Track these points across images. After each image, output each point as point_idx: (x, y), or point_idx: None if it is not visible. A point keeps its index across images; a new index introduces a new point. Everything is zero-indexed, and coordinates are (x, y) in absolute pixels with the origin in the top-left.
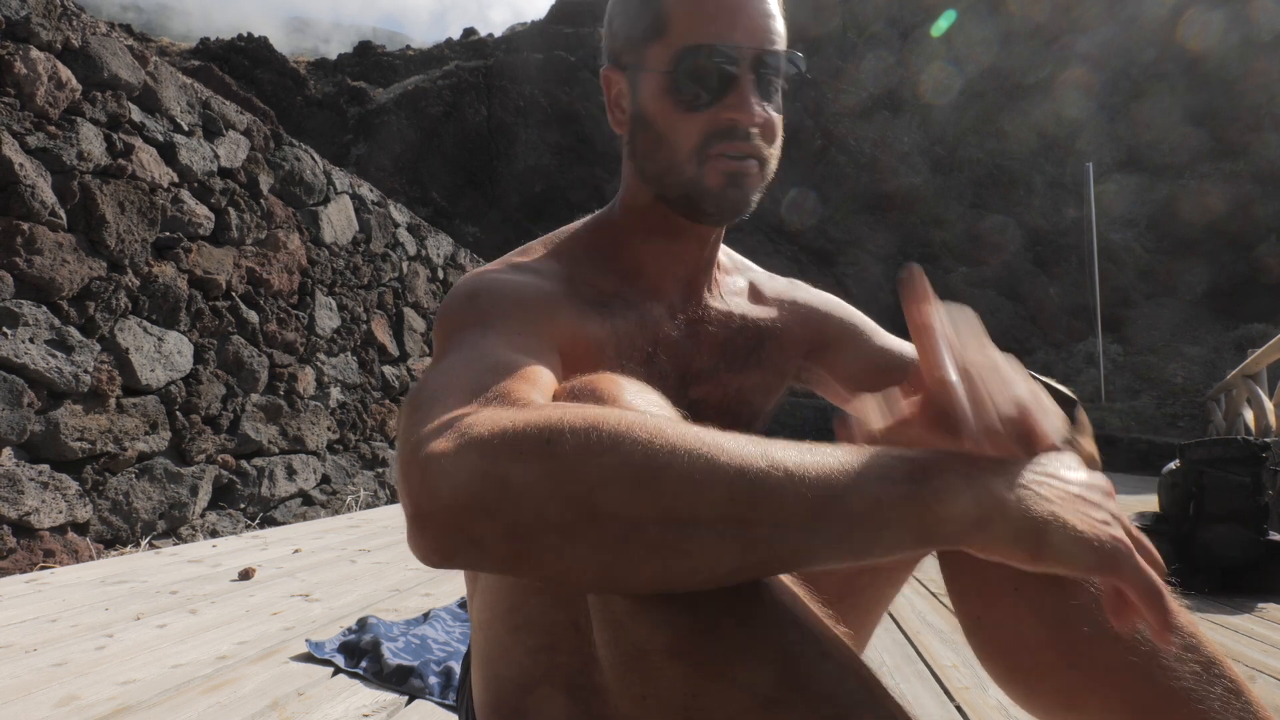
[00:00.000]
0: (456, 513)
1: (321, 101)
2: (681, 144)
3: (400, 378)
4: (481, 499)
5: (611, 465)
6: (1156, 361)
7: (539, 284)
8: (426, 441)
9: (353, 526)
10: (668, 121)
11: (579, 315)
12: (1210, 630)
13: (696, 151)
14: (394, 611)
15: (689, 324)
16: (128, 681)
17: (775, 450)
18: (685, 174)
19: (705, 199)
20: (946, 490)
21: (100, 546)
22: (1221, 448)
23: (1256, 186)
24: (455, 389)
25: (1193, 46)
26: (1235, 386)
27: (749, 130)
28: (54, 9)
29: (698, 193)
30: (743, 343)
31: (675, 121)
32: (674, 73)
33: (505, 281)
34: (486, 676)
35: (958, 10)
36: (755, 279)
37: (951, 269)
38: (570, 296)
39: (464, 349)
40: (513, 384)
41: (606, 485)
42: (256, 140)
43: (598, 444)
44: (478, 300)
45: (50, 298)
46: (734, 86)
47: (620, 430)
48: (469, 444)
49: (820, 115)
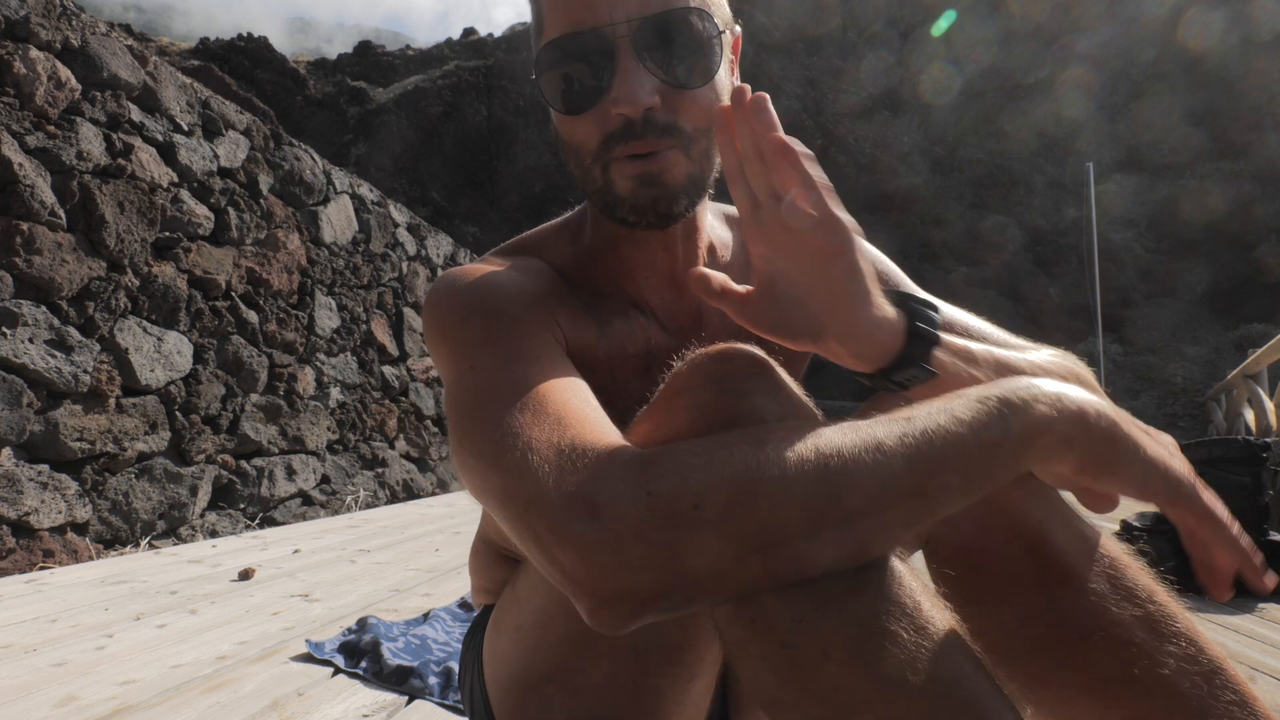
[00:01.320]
0: (638, 599)
1: (321, 101)
2: (582, 148)
3: (400, 378)
4: (658, 584)
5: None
6: (1156, 361)
7: (526, 282)
8: (569, 525)
9: (352, 526)
10: (564, 126)
11: (569, 316)
12: (1210, 630)
13: (599, 155)
14: (394, 611)
15: (683, 333)
16: (127, 681)
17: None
18: (595, 180)
19: (620, 206)
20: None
21: (100, 546)
22: (1222, 448)
23: (1256, 186)
24: (541, 448)
25: (1193, 46)
26: (1235, 386)
27: (652, 118)
28: (53, 9)
29: (614, 200)
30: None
31: (569, 125)
32: (548, 72)
33: (498, 286)
34: (489, 676)
35: (958, 10)
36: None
37: (951, 269)
38: (559, 295)
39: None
40: (588, 429)
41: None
42: (256, 140)
43: (746, 499)
44: (481, 310)
45: (50, 298)
46: (614, 74)
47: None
48: (621, 526)
49: (820, 115)
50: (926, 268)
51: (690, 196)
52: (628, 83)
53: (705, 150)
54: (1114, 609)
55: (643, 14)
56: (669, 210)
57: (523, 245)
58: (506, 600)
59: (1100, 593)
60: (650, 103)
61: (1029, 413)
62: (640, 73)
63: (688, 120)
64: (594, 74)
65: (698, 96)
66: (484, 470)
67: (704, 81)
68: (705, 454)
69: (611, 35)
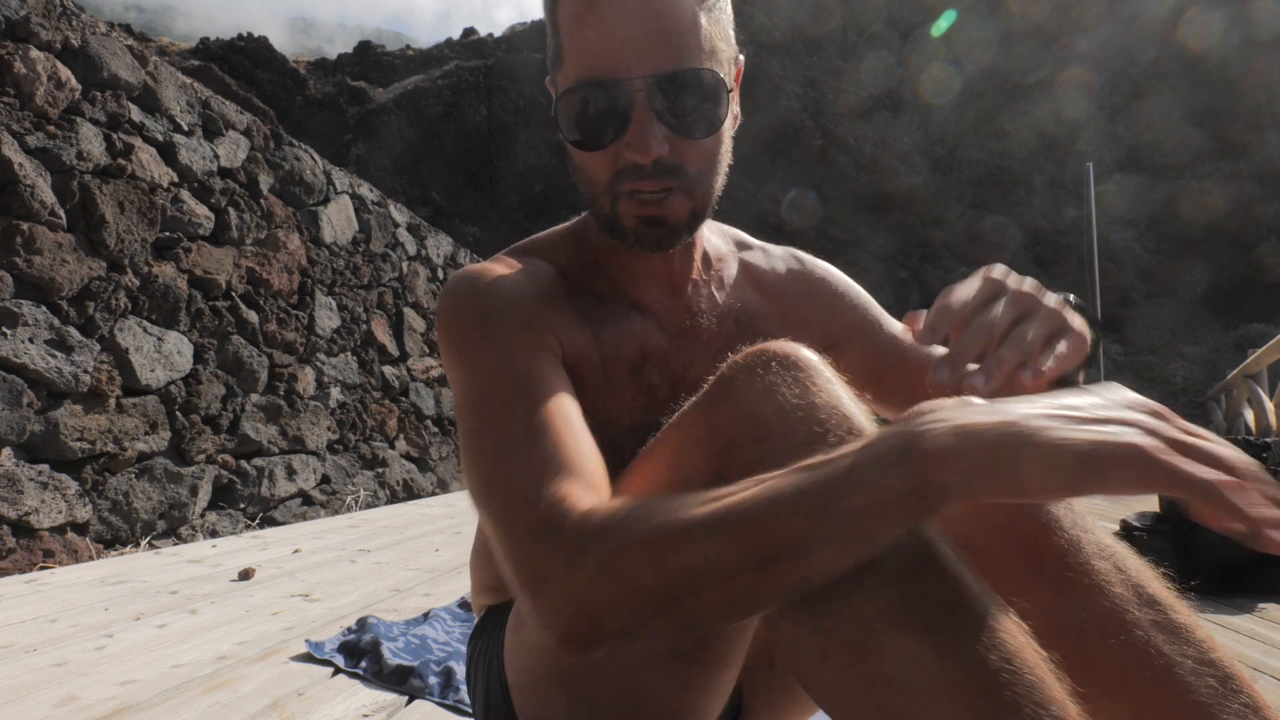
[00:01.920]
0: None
1: (321, 101)
2: (594, 178)
3: (400, 378)
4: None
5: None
6: (1156, 361)
7: (533, 287)
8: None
9: (352, 526)
10: (578, 155)
11: (566, 321)
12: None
13: (609, 188)
14: (394, 611)
15: (679, 334)
16: (127, 681)
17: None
18: (604, 209)
19: (625, 236)
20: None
21: (100, 546)
22: None
23: (1256, 186)
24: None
25: (1193, 46)
26: (1235, 386)
27: (658, 163)
28: (53, 9)
29: (618, 229)
30: (741, 339)
31: (583, 157)
32: (566, 111)
33: (507, 290)
34: (491, 676)
35: (958, 10)
36: (750, 261)
37: (951, 269)
38: (559, 299)
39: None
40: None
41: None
42: (256, 140)
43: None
44: (491, 315)
45: (50, 298)
46: (629, 122)
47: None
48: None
49: (820, 115)
50: (926, 268)
51: (690, 229)
52: (641, 133)
53: (707, 190)
54: (1134, 611)
55: (658, 71)
56: (671, 243)
57: (530, 247)
58: (508, 602)
59: (1121, 596)
60: (660, 152)
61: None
62: (653, 124)
63: (692, 165)
64: (609, 118)
65: (703, 144)
66: (471, 471)
67: (710, 132)
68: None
69: (629, 88)
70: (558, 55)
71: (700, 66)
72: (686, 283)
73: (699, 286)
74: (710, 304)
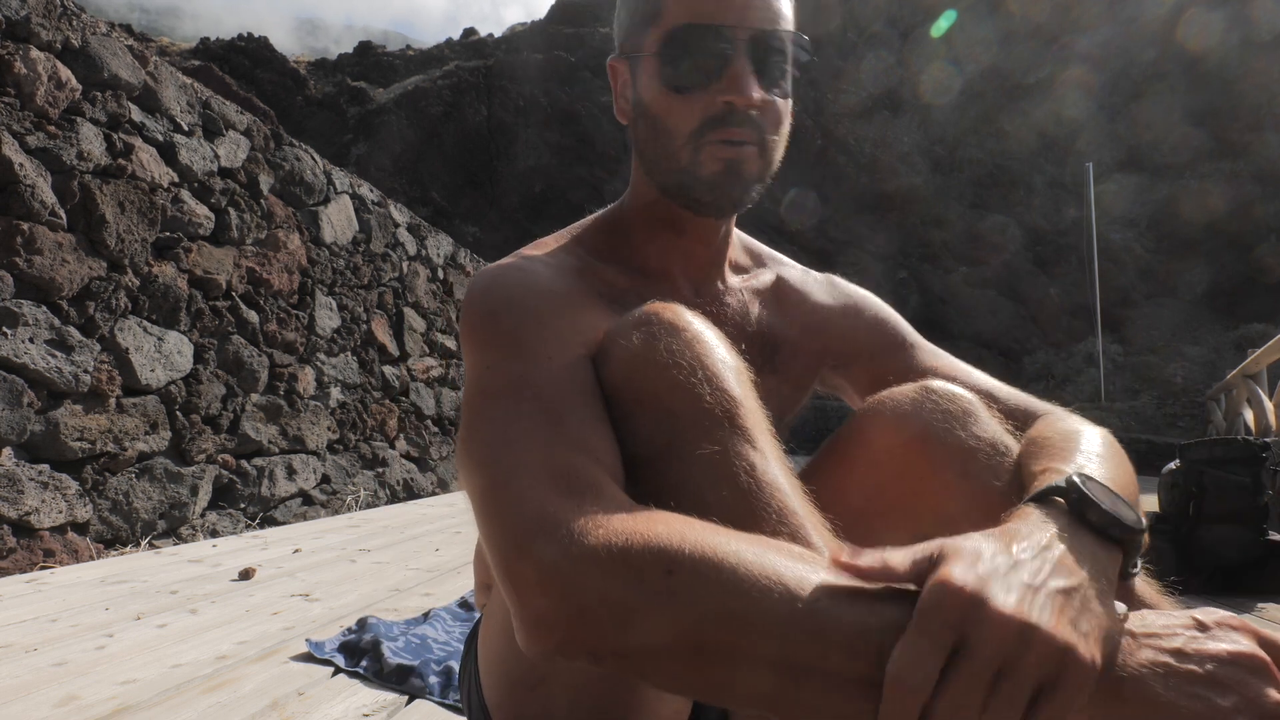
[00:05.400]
0: (579, 629)
1: (321, 101)
2: (677, 129)
3: (400, 378)
4: (604, 623)
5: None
6: (1156, 361)
7: (559, 281)
8: (533, 539)
9: (353, 526)
10: (662, 105)
11: (594, 312)
12: None
13: (693, 137)
14: (394, 611)
15: (708, 318)
16: (128, 681)
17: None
18: (681, 161)
19: (700, 187)
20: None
21: (100, 546)
22: (1222, 448)
23: (1256, 186)
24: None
25: (1193, 46)
26: (1235, 386)
27: (748, 114)
28: (54, 9)
29: (693, 181)
30: (757, 347)
31: (670, 105)
32: (666, 54)
33: (530, 286)
34: (492, 675)
35: (958, 10)
36: (786, 275)
37: (951, 269)
38: (585, 293)
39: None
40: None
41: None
42: (256, 140)
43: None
44: (510, 309)
45: (50, 297)
46: (729, 67)
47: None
48: (586, 558)
49: (820, 115)
50: (926, 268)
51: (755, 191)
52: (745, 76)
53: (773, 156)
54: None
55: (761, 27)
56: (740, 198)
57: (563, 236)
58: (499, 601)
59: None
60: (757, 97)
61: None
62: (750, 73)
63: (769, 124)
64: (708, 63)
65: (779, 106)
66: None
67: (786, 95)
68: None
69: (733, 36)
70: (653, 11)
71: (791, 30)
72: (714, 273)
73: (723, 282)
74: (733, 303)
